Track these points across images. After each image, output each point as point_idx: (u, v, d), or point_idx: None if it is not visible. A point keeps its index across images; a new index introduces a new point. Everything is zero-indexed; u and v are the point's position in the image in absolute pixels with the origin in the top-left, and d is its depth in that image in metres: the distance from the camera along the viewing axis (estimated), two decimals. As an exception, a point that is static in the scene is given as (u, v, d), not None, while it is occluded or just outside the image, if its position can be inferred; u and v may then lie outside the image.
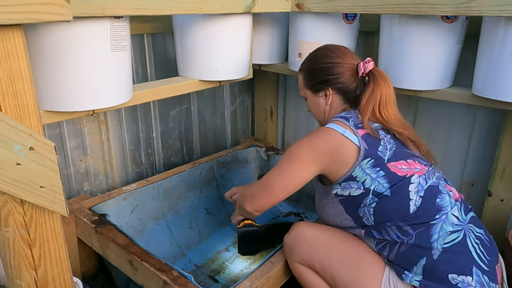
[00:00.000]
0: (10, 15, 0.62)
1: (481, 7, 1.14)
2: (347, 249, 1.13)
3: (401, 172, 1.05)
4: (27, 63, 0.70)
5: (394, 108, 1.14)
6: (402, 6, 1.27)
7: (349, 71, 1.16)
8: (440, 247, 1.01)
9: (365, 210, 1.07)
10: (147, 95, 1.30)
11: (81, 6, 0.91)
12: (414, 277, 1.02)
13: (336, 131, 1.07)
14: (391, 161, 1.05)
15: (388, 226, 1.05)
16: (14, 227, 0.77)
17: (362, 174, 1.04)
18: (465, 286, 0.98)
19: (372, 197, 1.04)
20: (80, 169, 1.64)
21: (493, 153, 1.56)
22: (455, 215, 1.05)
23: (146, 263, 1.20)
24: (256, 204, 1.16)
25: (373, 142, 1.06)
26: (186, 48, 1.42)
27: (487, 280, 1.00)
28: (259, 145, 2.13)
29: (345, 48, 1.21)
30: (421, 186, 1.05)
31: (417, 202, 1.03)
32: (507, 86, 1.21)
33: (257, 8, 1.40)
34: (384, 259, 1.09)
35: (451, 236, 1.02)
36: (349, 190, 1.07)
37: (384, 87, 1.11)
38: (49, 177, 0.76)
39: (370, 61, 1.14)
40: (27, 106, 0.72)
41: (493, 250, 1.07)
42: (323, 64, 1.18)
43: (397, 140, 1.10)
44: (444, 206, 1.05)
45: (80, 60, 1.01)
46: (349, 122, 1.09)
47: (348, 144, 1.05)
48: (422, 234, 1.02)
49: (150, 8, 1.07)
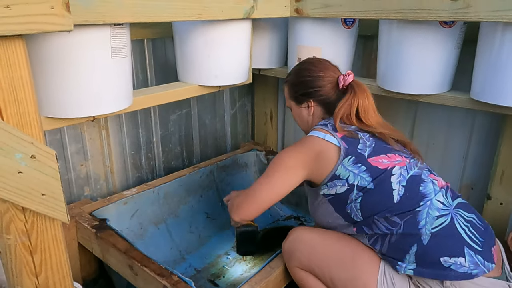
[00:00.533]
0: (12, 26, 0.63)
1: (478, 12, 1.15)
2: (342, 249, 1.16)
3: (382, 165, 1.10)
4: (28, 72, 0.71)
5: (375, 116, 1.20)
6: (400, 11, 1.28)
7: (330, 84, 1.23)
8: (428, 232, 1.03)
9: (352, 206, 1.11)
10: (147, 100, 1.31)
11: (82, 14, 0.92)
12: (407, 266, 1.04)
13: (318, 137, 1.14)
14: (371, 156, 1.11)
15: (377, 219, 1.08)
16: (15, 234, 0.78)
17: (345, 172, 1.09)
18: (459, 267, 0.99)
19: (357, 192, 1.09)
20: (80, 174, 1.64)
21: (492, 157, 1.56)
22: (439, 201, 1.07)
23: (146, 268, 1.20)
24: (242, 213, 1.18)
25: (352, 142, 1.12)
26: (186, 53, 1.43)
27: (481, 260, 1.01)
28: (259, 149, 2.14)
29: (328, 62, 1.28)
30: (403, 177, 1.09)
31: (400, 192, 1.07)
32: (504, 91, 1.22)
33: (256, 13, 1.41)
34: (378, 254, 1.11)
35: (438, 220, 1.04)
36: (335, 189, 1.12)
37: (362, 98, 1.18)
38: (50, 185, 0.77)
39: (350, 74, 1.21)
40: (28, 114, 0.72)
41: (488, 233, 1.08)
42: (305, 77, 1.26)
43: (376, 137, 1.16)
44: (427, 193, 1.08)
45: (81, 67, 1.02)
46: (327, 127, 1.16)
47: (329, 146, 1.12)
48: (409, 222, 1.05)
49: (150, 15, 1.08)
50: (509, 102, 1.23)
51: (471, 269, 0.99)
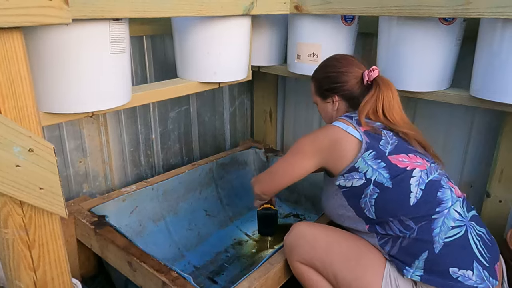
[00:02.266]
0: (9, 18, 0.63)
1: (478, 9, 1.15)
2: (347, 247, 1.15)
3: (401, 164, 1.09)
4: (26, 66, 0.70)
5: (400, 113, 1.19)
6: (400, 8, 1.28)
7: (355, 79, 1.24)
8: (441, 241, 1.02)
9: (367, 201, 1.10)
10: (146, 96, 1.30)
11: (80, 8, 0.92)
12: (415, 271, 1.03)
13: (339, 127, 1.15)
14: (392, 154, 1.10)
15: (391, 221, 1.07)
16: (13, 228, 0.78)
17: (364, 165, 1.09)
18: (466, 280, 0.99)
19: (373, 187, 1.08)
20: (79, 170, 1.64)
21: (492, 154, 1.56)
22: (457, 211, 1.06)
23: (145, 264, 1.20)
24: (262, 187, 1.31)
25: (375, 137, 1.12)
26: (185, 50, 1.43)
27: (487, 276, 1.01)
28: (258, 146, 2.14)
29: (352, 58, 1.29)
30: (422, 180, 1.08)
31: (417, 195, 1.06)
32: (504, 88, 1.22)
33: (256, 10, 1.40)
34: (385, 255, 1.10)
35: (453, 230, 1.03)
36: (351, 181, 1.12)
37: (387, 94, 1.18)
38: (48, 179, 0.77)
39: (375, 70, 1.21)
40: (26, 108, 0.72)
41: (494, 249, 1.08)
42: (330, 73, 1.27)
43: (400, 137, 1.16)
44: (445, 199, 1.07)
45: (79, 62, 1.01)
46: (352, 120, 1.16)
47: (349, 138, 1.12)
48: (424, 228, 1.04)
49: (149, 10, 1.07)
50: (509, 99, 1.22)
51: (477, 283, 0.99)
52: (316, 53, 1.62)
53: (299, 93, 2.17)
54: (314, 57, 1.63)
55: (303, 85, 2.11)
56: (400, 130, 1.16)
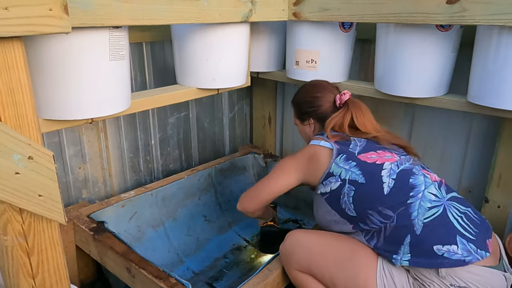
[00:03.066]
0: (10, 28, 0.64)
1: (474, 16, 1.16)
2: (340, 248, 1.19)
3: (370, 160, 1.18)
4: (26, 74, 0.71)
5: (370, 125, 1.29)
6: (397, 15, 1.29)
7: (328, 103, 1.35)
8: (421, 223, 1.07)
9: (346, 201, 1.16)
10: (146, 103, 1.31)
11: (80, 16, 0.92)
12: (403, 257, 1.07)
13: (313, 144, 1.28)
14: (361, 153, 1.20)
15: (370, 214, 1.12)
16: (12, 235, 0.78)
17: (338, 169, 1.19)
18: (451, 254, 1.02)
19: (349, 186, 1.16)
20: (78, 176, 1.64)
21: (490, 160, 1.57)
22: (431, 193, 1.11)
23: (144, 270, 1.20)
24: (244, 204, 1.36)
25: (344, 143, 1.24)
26: (184, 56, 1.44)
27: (474, 248, 1.03)
28: (257, 152, 2.14)
29: (326, 83, 1.40)
30: (393, 171, 1.15)
31: (390, 184, 1.13)
32: (501, 94, 1.23)
33: (254, 17, 1.41)
34: (374, 249, 1.14)
35: (430, 211, 1.08)
36: (329, 186, 1.20)
37: (356, 112, 1.28)
38: (47, 186, 0.77)
39: (346, 93, 1.32)
40: (26, 116, 0.73)
41: (483, 226, 1.11)
42: (306, 98, 1.39)
43: (369, 140, 1.26)
44: (417, 184, 1.12)
45: (79, 69, 1.02)
46: (323, 136, 1.29)
47: (322, 150, 1.24)
48: (402, 214, 1.09)
49: (148, 18, 1.08)
50: (506, 105, 1.23)
51: (464, 256, 1.02)
52: (315, 59, 1.63)
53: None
54: (313, 63, 1.64)
55: (302, 90, 2.12)
56: (370, 136, 1.26)
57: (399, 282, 1.09)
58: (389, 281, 1.09)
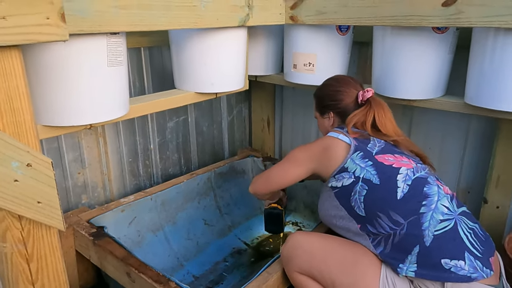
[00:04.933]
0: (8, 37, 0.64)
1: (470, 18, 1.17)
2: (343, 253, 1.17)
3: (387, 162, 1.17)
4: (24, 82, 0.72)
5: (392, 127, 1.28)
6: (393, 18, 1.30)
7: (350, 98, 1.33)
8: (431, 234, 1.06)
9: (356, 198, 1.15)
10: (144, 108, 1.32)
11: (77, 23, 0.93)
12: (409, 267, 1.06)
13: (330, 136, 1.26)
14: (379, 154, 1.19)
15: (379, 217, 1.11)
16: (12, 242, 0.78)
17: (353, 165, 1.17)
18: (458, 270, 1.01)
19: (362, 184, 1.14)
20: (78, 182, 1.65)
21: (488, 161, 1.57)
22: (444, 205, 1.10)
23: (143, 275, 1.20)
24: (254, 187, 1.41)
25: (363, 141, 1.22)
26: (182, 61, 1.44)
27: (480, 265, 1.03)
28: (256, 155, 2.14)
29: (350, 79, 1.38)
30: (409, 177, 1.14)
31: (404, 190, 1.11)
32: (497, 95, 1.23)
33: (251, 21, 1.42)
34: (380, 257, 1.13)
35: (441, 224, 1.07)
36: (342, 181, 1.19)
37: (378, 111, 1.26)
38: (46, 193, 0.77)
39: (369, 91, 1.30)
40: (24, 123, 0.73)
41: (488, 243, 1.10)
42: (328, 92, 1.38)
43: (387, 142, 1.24)
44: (431, 194, 1.11)
45: (77, 76, 1.02)
46: (343, 130, 1.27)
47: (339, 143, 1.23)
48: (413, 223, 1.08)
49: (146, 24, 1.09)
50: (503, 106, 1.24)
51: (471, 272, 1.01)
52: (312, 63, 1.64)
53: (296, 102, 2.19)
54: (310, 66, 1.64)
55: (300, 93, 2.12)
56: (391, 139, 1.24)
57: None
58: None
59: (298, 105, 2.18)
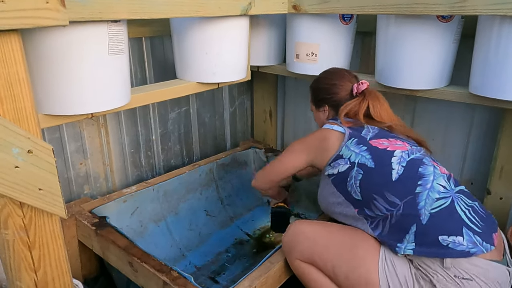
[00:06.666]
0: (6, 21, 0.63)
1: (475, 6, 1.15)
2: (343, 239, 1.19)
3: (381, 145, 1.18)
4: (24, 68, 0.71)
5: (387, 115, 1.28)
6: (397, 6, 1.28)
7: (345, 91, 1.34)
8: (428, 213, 1.07)
9: (353, 184, 1.17)
10: (146, 98, 1.31)
11: (78, 10, 0.92)
12: (407, 246, 1.07)
13: (326, 128, 1.29)
14: (373, 139, 1.21)
15: (376, 200, 1.12)
16: (13, 229, 0.78)
17: (348, 151, 1.19)
18: (456, 245, 1.02)
19: (357, 169, 1.16)
20: (80, 172, 1.65)
21: (492, 152, 1.56)
22: (440, 184, 1.11)
23: (146, 264, 1.20)
24: (257, 183, 1.46)
25: (357, 129, 1.24)
26: (184, 51, 1.43)
27: (480, 240, 1.03)
28: (258, 146, 2.14)
29: (345, 71, 1.39)
30: (403, 158, 1.15)
31: (399, 171, 1.13)
32: (502, 85, 1.22)
33: (253, 10, 1.40)
34: (379, 238, 1.14)
35: (438, 202, 1.08)
36: (337, 168, 1.21)
37: (373, 102, 1.27)
38: (47, 180, 0.77)
39: (364, 83, 1.31)
40: (25, 109, 0.73)
41: (489, 220, 1.11)
42: (323, 85, 1.39)
43: (381, 128, 1.26)
44: (426, 174, 1.12)
45: (78, 64, 1.02)
46: (336, 121, 1.30)
47: (334, 133, 1.25)
48: (409, 203, 1.09)
49: (147, 11, 1.08)
50: (508, 96, 1.23)
51: (469, 247, 1.02)
52: (315, 52, 1.62)
53: (298, 92, 2.17)
54: (313, 56, 1.63)
55: (303, 84, 2.11)
56: (385, 125, 1.26)
57: (401, 272, 1.09)
58: (391, 271, 1.09)
59: (300, 96, 2.17)
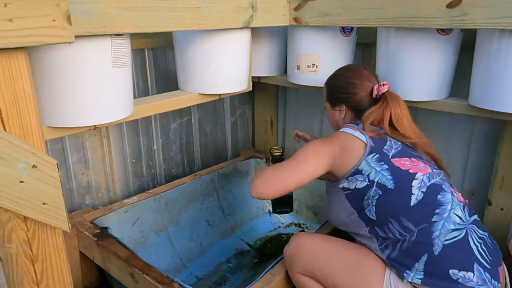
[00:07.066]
0: (14, 39, 0.65)
1: (474, 20, 1.16)
2: (347, 255, 1.16)
3: (403, 166, 1.12)
4: (30, 84, 0.72)
5: (409, 126, 1.21)
6: (397, 19, 1.30)
7: (364, 92, 1.26)
8: (441, 244, 1.03)
9: (369, 202, 1.11)
10: (148, 109, 1.32)
11: (82, 25, 0.93)
12: (416, 275, 1.04)
13: (347, 132, 1.19)
14: (395, 157, 1.13)
15: (390, 222, 1.08)
16: (17, 243, 0.79)
17: (368, 167, 1.11)
18: (467, 281, 0.99)
19: (375, 189, 1.10)
20: (82, 182, 1.65)
21: (492, 162, 1.57)
22: (457, 215, 1.08)
23: (147, 276, 1.20)
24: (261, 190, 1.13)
25: (380, 142, 1.16)
26: (186, 62, 1.45)
27: (489, 278, 1.01)
28: (259, 156, 2.14)
29: (365, 70, 1.30)
30: (424, 183, 1.10)
31: (418, 196, 1.08)
32: (502, 97, 1.23)
33: (255, 22, 1.42)
34: (386, 260, 1.11)
35: (452, 233, 1.05)
36: (355, 183, 1.13)
37: (394, 108, 1.20)
38: (51, 194, 0.78)
39: (385, 85, 1.24)
40: (30, 125, 0.74)
41: (496, 253, 1.09)
42: (341, 83, 1.31)
43: (404, 144, 1.19)
44: (445, 202, 1.08)
45: (82, 77, 1.03)
46: (358, 126, 1.21)
47: (356, 141, 1.15)
48: (423, 231, 1.05)
49: (150, 25, 1.09)
50: (507, 108, 1.23)
51: (479, 284, 0.99)
52: (316, 64, 1.64)
53: (299, 103, 2.18)
54: (314, 67, 1.64)
55: (304, 95, 2.12)
56: (409, 141, 1.19)
57: None
58: None
59: (301, 106, 2.18)
